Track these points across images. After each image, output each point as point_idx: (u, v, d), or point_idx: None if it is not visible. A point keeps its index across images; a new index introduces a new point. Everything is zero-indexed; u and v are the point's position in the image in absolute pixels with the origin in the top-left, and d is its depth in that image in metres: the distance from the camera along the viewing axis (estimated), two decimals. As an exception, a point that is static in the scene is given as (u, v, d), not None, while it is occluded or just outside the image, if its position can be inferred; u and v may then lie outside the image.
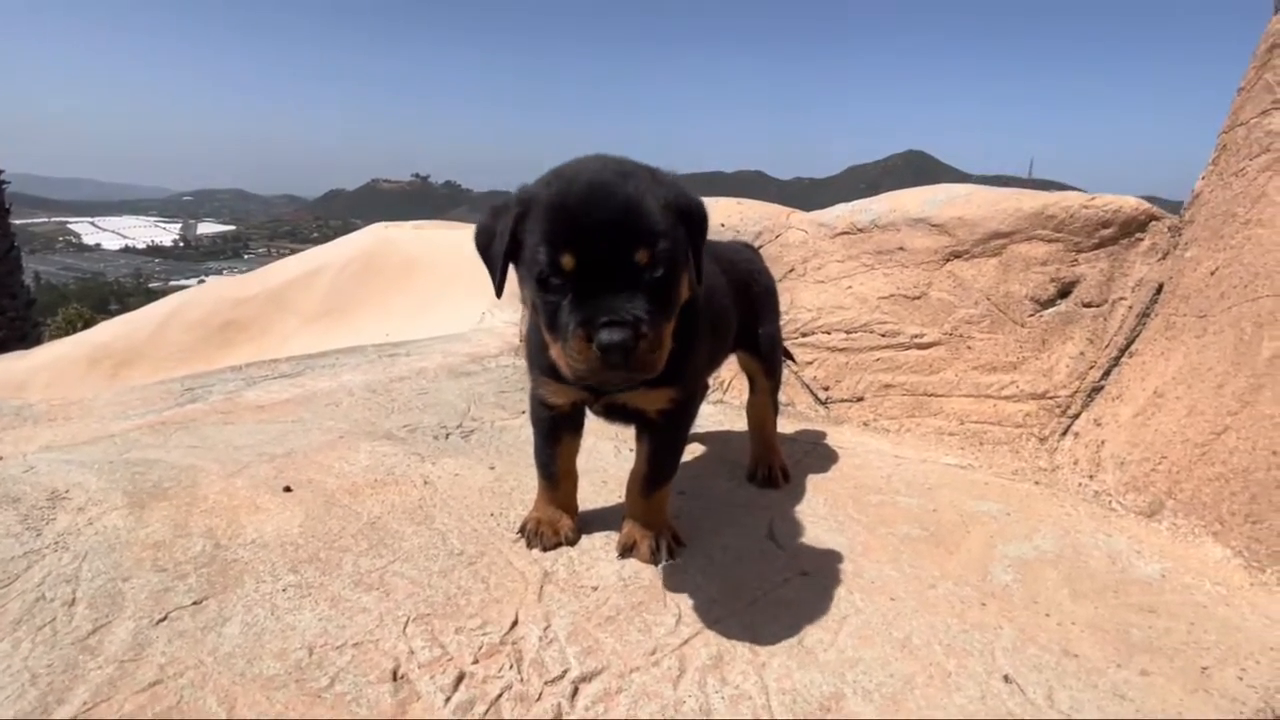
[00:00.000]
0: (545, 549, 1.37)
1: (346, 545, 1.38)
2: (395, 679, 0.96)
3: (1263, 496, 1.35)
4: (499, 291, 1.14)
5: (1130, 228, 1.87)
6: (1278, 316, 1.40)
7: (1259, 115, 1.57)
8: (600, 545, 1.40)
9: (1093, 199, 1.92)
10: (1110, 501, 1.67)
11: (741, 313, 1.60)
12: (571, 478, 1.44)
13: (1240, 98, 1.65)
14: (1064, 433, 1.90)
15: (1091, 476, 1.75)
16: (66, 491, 1.53)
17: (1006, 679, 1.02)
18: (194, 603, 1.15)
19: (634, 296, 0.94)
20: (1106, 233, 1.89)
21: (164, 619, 1.10)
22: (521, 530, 1.43)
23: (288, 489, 1.61)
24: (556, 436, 1.37)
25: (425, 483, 1.69)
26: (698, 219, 1.04)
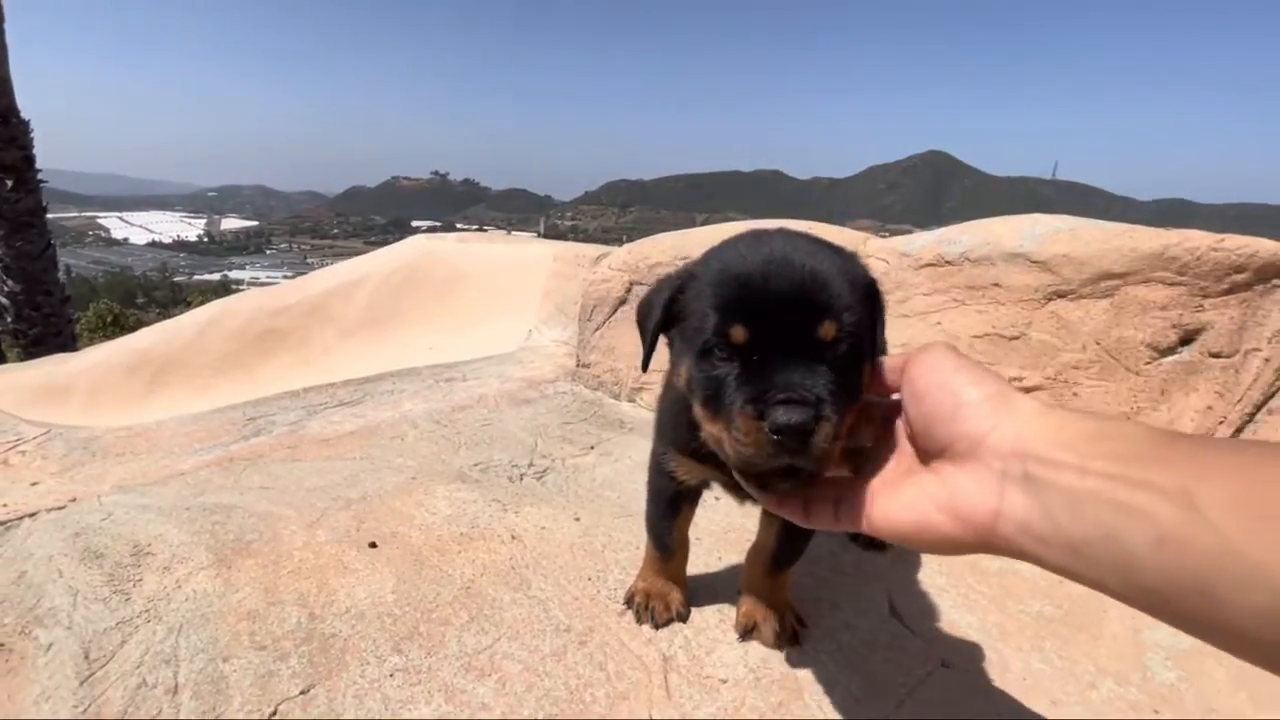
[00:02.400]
0: (657, 627, 1.28)
1: (446, 617, 1.30)
2: (541, 806, 0.88)
3: None
4: (645, 365, 1.03)
5: (1267, 273, 1.73)
6: None
7: None
8: (714, 622, 1.31)
9: (1222, 240, 1.79)
10: (1252, 575, 1.54)
11: None
12: (685, 548, 1.34)
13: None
14: (1188, 492, 1.76)
15: (1226, 544, 1.62)
16: (149, 545, 1.47)
17: (1217, 819, 0.90)
18: (301, 692, 1.08)
19: (814, 374, 0.78)
20: (1239, 278, 1.76)
21: (274, 713, 1.02)
22: (628, 602, 1.34)
23: (373, 544, 1.54)
24: (676, 508, 1.27)
25: (512, 538, 1.61)
26: (879, 297, 0.92)
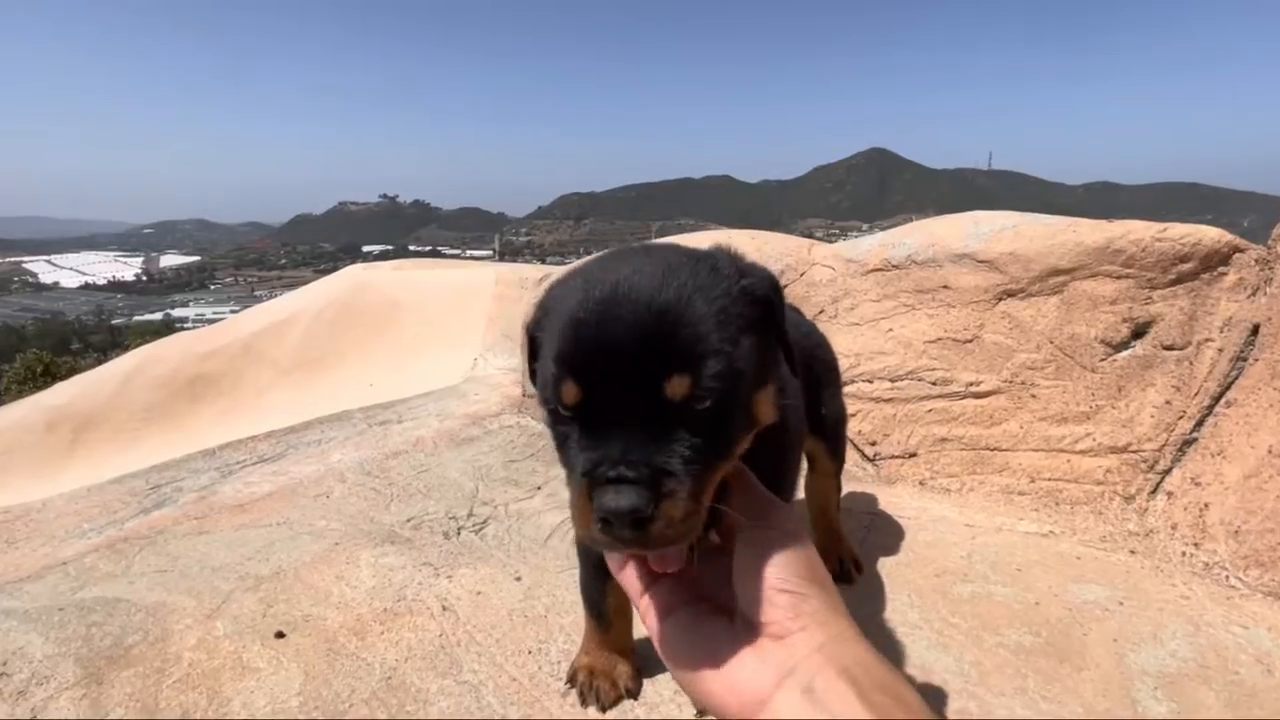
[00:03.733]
0: (604, 709, 1.13)
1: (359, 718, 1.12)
2: None
3: None
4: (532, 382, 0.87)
5: (1211, 261, 1.69)
6: None
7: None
8: (669, 695, 1.16)
9: (1165, 230, 1.74)
10: (1227, 577, 1.47)
11: (807, 393, 1.37)
12: (626, 614, 1.19)
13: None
14: (1154, 491, 1.71)
15: (1197, 545, 1.55)
16: (4, 665, 1.24)
17: None
18: None
19: (663, 437, 0.63)
20: (1185, 268, 1.71)
21: None
22: (571, 680, 1.19)
23: (280, 634, 1.35)
24: (604, 565, 1.12)
25: (444, 609, 1.43)
26: (776, 308, 0.73)
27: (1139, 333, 1.78)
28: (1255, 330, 1.59)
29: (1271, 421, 1.49)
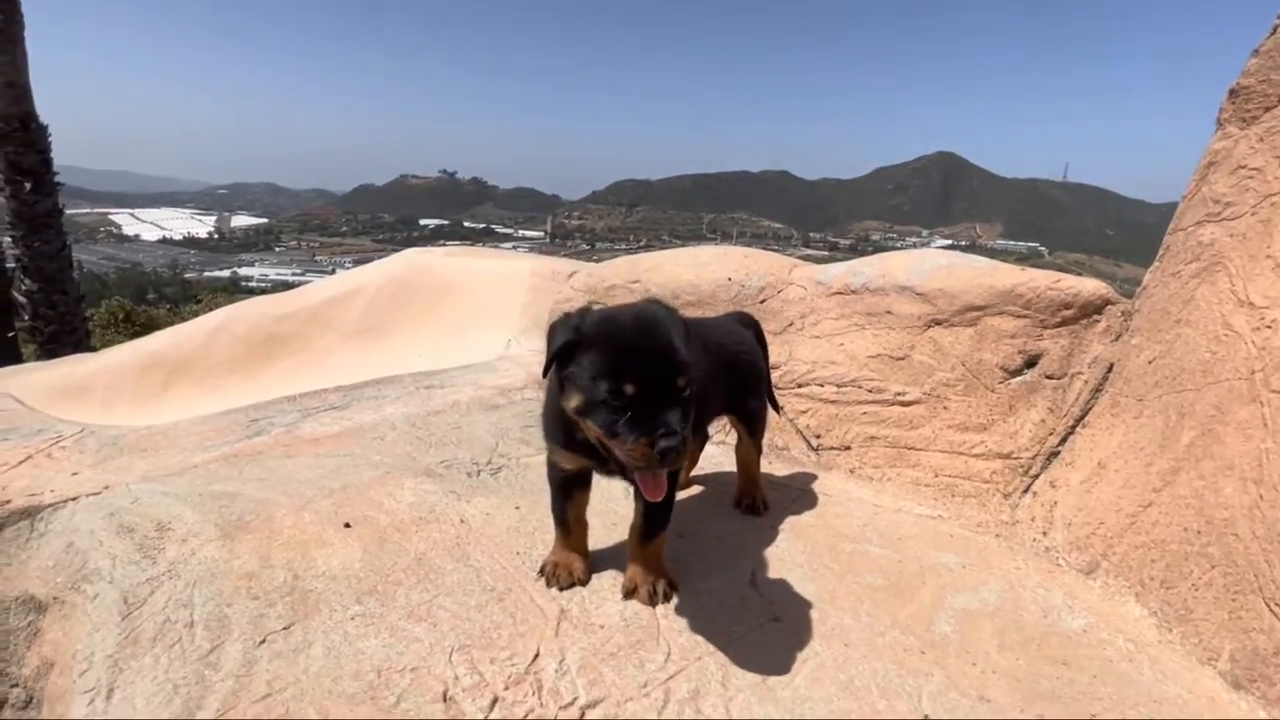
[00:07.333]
0: (561, 589, 1.65)
1: (399, 579, 1.67)
2: (445, 700, 1.25)
3: (1175, 566, 1.58)
4: (544, 374, 1.44)
5: (1089, 309, 2.08)
6: (1196, 410, 1.63)
7: (1194, 225, 1.78)
8: (608, 586, 1.68)
9: (1057, 281, 2.14)
10: (1057, 558, 1.89)
11: (728, 387, 1.87)
12: (582, 525, 1.72)
13: (1183, 205, 1.86)
14: (1024, 491, 2.12)
15: (1044, 533, 1.98)
16: (170, 523, 1.85)
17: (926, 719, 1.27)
18: (284, 628, 1.45)
19: (675, 411, 1.26)
20: (1068, 313, 2.11)
21: (264, 641, 1.40)
22: (541, 571, 1.71)
23: (347, 525, 1.92)
24: (568, 493, 1.66)
25: (461, 521, 1.98)
26: (689, 328, 1.43)
27: (1030, 363, 2.19)
28: (1110, 368, 1.99)
29: (1105, 440, 1.90)
